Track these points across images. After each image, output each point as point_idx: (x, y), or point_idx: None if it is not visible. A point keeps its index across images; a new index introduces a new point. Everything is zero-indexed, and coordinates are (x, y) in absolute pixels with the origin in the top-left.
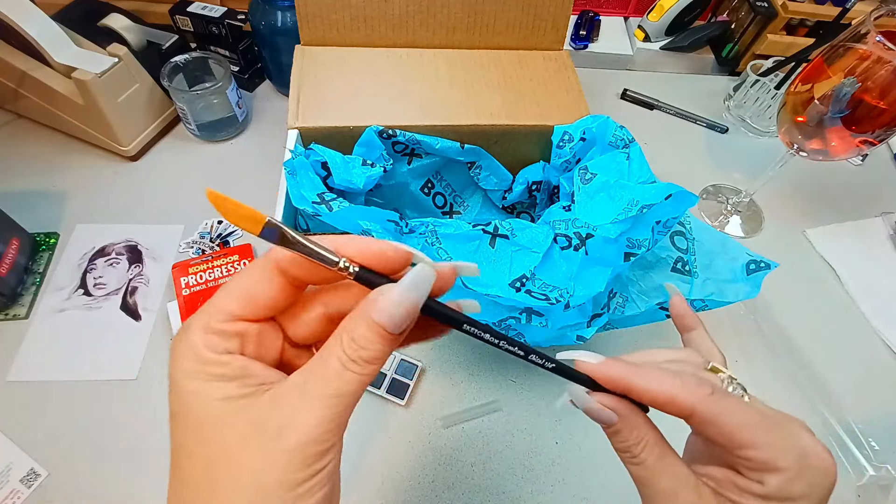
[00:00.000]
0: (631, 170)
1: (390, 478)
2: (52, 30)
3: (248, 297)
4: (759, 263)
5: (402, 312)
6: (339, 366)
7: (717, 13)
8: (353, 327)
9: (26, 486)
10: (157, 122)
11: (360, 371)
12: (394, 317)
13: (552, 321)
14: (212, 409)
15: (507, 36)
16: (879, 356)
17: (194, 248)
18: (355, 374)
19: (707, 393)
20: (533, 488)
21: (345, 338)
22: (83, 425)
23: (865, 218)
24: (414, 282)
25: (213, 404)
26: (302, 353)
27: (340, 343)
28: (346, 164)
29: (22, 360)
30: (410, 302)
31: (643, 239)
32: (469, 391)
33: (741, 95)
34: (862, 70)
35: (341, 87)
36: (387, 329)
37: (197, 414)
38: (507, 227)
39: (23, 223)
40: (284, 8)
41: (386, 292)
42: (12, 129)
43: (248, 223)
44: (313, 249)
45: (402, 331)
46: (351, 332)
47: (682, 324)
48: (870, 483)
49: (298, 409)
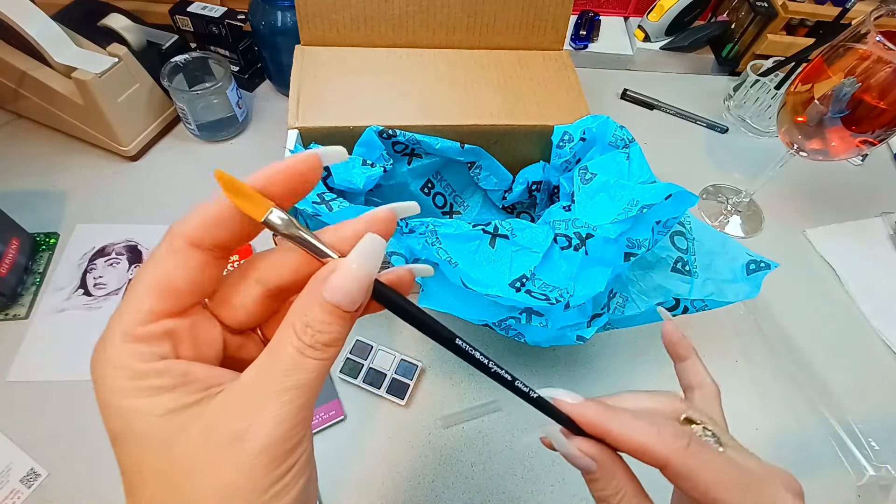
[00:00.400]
0: (631, 170)
1: (390, 478)
2: (52, 30)
3: (166, 287)
4: (759, 263)
5: (356, 288)
6: (296, 354)
7: (717, 13)
8: (306, 310)
9: (26, 486)
10: (157, 122)
11: (320, 356)
12: (349, 293)
13: (552, 321)
14: (157, 427)
15: (507, 36)
16: (879, 356)
17: None
18: (315, 361)
19: (683, 445)
20: (533, 488)
21: (297, 323)
22: (83, 425)
23: (865, 218)
24: (363, 250)
25: (157, 422)
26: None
27: (293, 329)
28: (346, 164)
29: (22, 360)
30: (364, 275)
31: (643, 239)
32: (469, 391)
33: (741, 95)
34: (862, 70)
35: (341, 87)
36: (343, 307)
37: (142, 433)
38: (507, 227)
39: (23, 223)
40: (284, 8)
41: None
42: (12, 129)
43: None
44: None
45: (358, 307)
46: (303, 315)
47: (675, 352)
48: (870, 483)
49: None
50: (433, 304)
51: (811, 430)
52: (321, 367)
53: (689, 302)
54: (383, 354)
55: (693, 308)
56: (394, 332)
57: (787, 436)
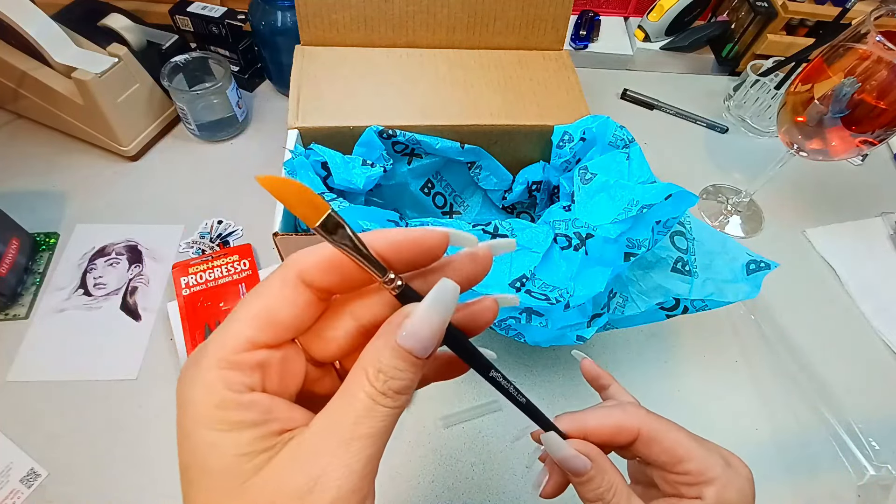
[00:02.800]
0: (631, 170)
1: (390, 478)
2: (52, 30)
3: (269, 319)
4: (759, 263)
5: (430, 334)
6: (368, 402)
7: (717, 13)
8: (378, 356)
9: (26, 486)
10: (157, 122)
11: (392, 404)
12: (422, 339)
13: (552, 321)
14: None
15: (507, 36)
16: (879, 356)
17: (194, 248)
18: (387, 409)
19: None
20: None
21: (370, 369)
22: (83, 425)
23: (865, 218)
24: (437, 296)
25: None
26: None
27: (366, 375)
28: (346, 164)
29: (22, 360)
30: (438, 319)
31: (643, 239)
32: (469, 391)
33: (741, 95)
34: (862, 70)
35: (341, 87)
36: (415, 353)
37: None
38: (507, 227)
39: (23, 223)
40: (284, 8)
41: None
42: (12, 129)
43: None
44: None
45: (430, 353)
46: (376, 361)
47: (598, 384)
48: (870, 483)
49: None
50: None
51: (811, 430)
52: (392, 415)
53: (689, 302)
54: None
55: (693, 308)
56: None
57: (788, 436)
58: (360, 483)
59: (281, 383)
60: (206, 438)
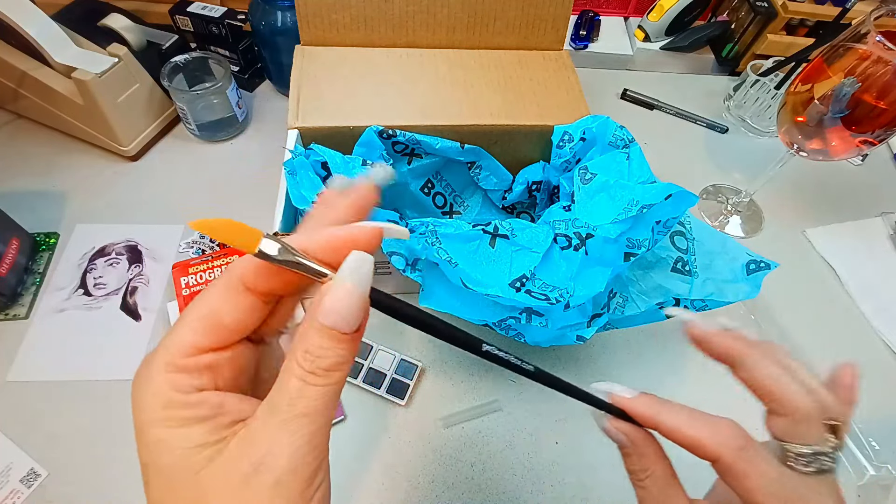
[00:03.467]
0: (631, 170)
1: (390, 478)
2: (52, 30)
3: (213, 324)
4: (759, 263)
5: (349, 307)
6: (298, 383)
7: (717, 13)
8: (304, 338)
9: (26, 486)
10: (157, 122)
11: (323, 382)
12: (343, 314)
13: (552, 321)
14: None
15: (507, 36)
16: (879, 356)
17: (194, 248)
18: (319, 388)
19: (738, 446)
20: (533, 488)
21: (298, 352)
22: (83, 425)
23: (865, 218)
24: (352, 270)
25: (184, 454)
26: None
27: (295, 358)
28: (346, 164)
29: (22, 360)
30: (356, 294)
31: (643, 239)
32: (469, 391)
33: (741, 95)
34: (862, 70)
35: (341, 87)
36: (339, 329)
37: (168, 465)
38: (507, 227)
39: (23, 223)
40: (284, 8)
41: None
42: (12, 129)
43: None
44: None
45: (357, 327)
46: (304, 343)
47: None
48: (870, 483)
49: (269, 440)
50: (433, 304)
51: None
52: (326, 392)
53: (689, 302)
54: (383, 354)
55: (693, 308)
56: (394, 332)
57: None
58: (305, 461)
59: (234, 379)
60: (156, 436)
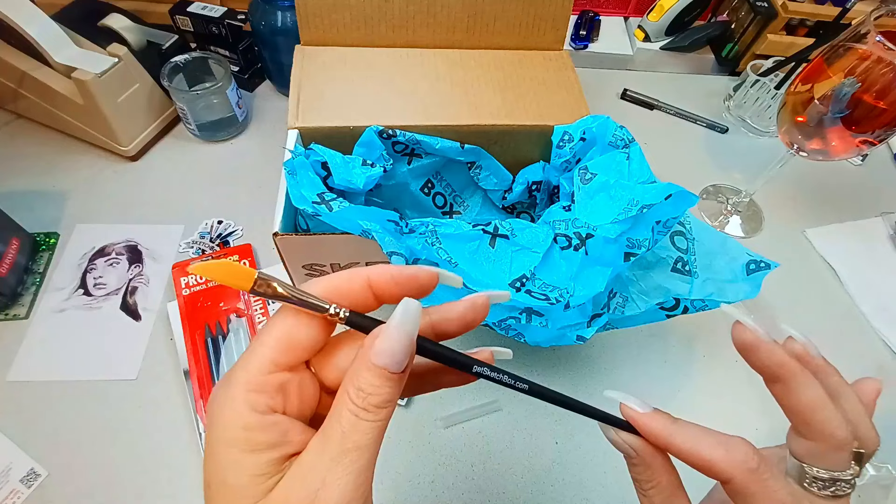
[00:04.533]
0: (631, 170)
1: (390, 478)
2: (52, 30)
3: (289, 341)
4: (759, 263)
5: (398, 349)
6: (352, 418)
7: (717, 13)
8: (357, 376)
9: (26, 486)
10: (157, 122)
11: (373, 418)
12: (393, 355)
13: (552, 321)
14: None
15: (507, 36)
16: (879, 356)
17: (194, 248)
18: (369, 423)
19: (751, 468)
20: (533, 488)
21: (351, 389)
22: (83, 425)
23: (865, 218)
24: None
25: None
26: None
27: (347, 395)
28: (346, 164)
29: (22, 360)
30: (405, 335)
31: (643, 239)
32: (469, 391)
33: (741, 95)
34: (862, 70)
35: (341, 87)
36: (389, 369)
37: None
38: (507, 227)
39: (23, 223)
40: (284, 8)
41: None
42: (12, 129)
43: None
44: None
45: (404, 367)
46: (356, 380)
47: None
48: (870, 483)
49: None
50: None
51: None
52: (376, 428)
53: (689, 302)
54: None
55: (693, 308)
56: None
57: None
58: (356, 492)
59: (299, 406)
60: (232, 456)
